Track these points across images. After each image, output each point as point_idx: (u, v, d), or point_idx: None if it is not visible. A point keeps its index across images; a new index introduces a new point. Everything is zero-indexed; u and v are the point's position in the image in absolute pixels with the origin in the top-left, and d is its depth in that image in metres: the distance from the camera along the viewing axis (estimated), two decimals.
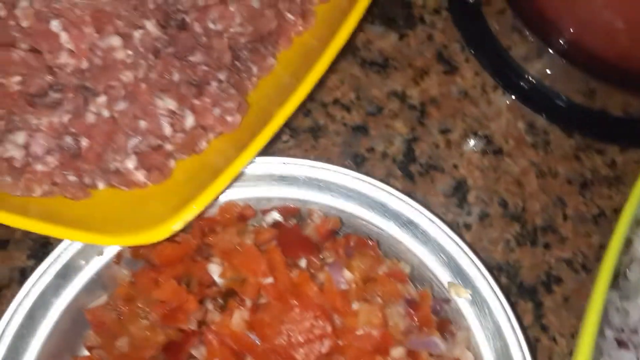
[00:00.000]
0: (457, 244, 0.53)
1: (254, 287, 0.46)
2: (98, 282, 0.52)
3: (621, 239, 0.44)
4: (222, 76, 0.55)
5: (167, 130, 0.53)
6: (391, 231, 0.53)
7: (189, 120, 0.53)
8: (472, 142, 0.66)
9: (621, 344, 0.47)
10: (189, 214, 0.47)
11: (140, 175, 0.52)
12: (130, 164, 0.52)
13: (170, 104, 0.52)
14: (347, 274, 0.48)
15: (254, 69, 0.58)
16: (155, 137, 0.52)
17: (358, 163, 0.64)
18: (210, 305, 0.49)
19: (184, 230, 0.48)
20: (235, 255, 0.48)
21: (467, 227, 0.63)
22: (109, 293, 0.51)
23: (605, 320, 0.48)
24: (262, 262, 0.46)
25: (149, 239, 0.47)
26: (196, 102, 0.53)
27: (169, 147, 0.53)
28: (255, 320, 0.45)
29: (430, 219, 0.54)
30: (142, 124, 0.52)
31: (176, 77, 0.53)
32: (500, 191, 0.65)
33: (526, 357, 0.49)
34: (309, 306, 0.45)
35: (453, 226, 0.62)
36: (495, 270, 0.61)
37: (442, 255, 0.53)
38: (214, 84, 0.55)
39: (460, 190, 0.64)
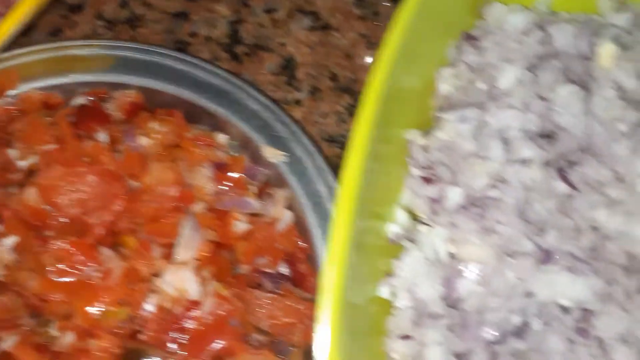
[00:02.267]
0: (275, 114, 0.54)
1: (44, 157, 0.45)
2: None
3: None
4: None
5: None
6: (202, 103, 0.53)
7: None
8: (298, 20, 0.65)
9: (426, 180, 0.48)
10: None
11: None
12: None
13: None
14: (143, 139, 0.47)
15: None
16: None
17: (181, 49, 0.62)
18: (16, 190, 0.47)
19: None
20: (24, 131, 0.46)
21: (298, 103, 0.62)
22: None
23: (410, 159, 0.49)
24: (45, 132, 0.45)
25: None
26: None
27: None
28: (47, 188, 0.44)
29: (241, 88, 0.54)
30: None
31: None
32: (329, 65, 0.64)
33: None
34: (101, 172, 0.44)
35: (282, 102, 0.62)
36: (327, 141, 0.61)
37: (259, 123, 0.54)
38: None
39: (288, 67, 0.63)
